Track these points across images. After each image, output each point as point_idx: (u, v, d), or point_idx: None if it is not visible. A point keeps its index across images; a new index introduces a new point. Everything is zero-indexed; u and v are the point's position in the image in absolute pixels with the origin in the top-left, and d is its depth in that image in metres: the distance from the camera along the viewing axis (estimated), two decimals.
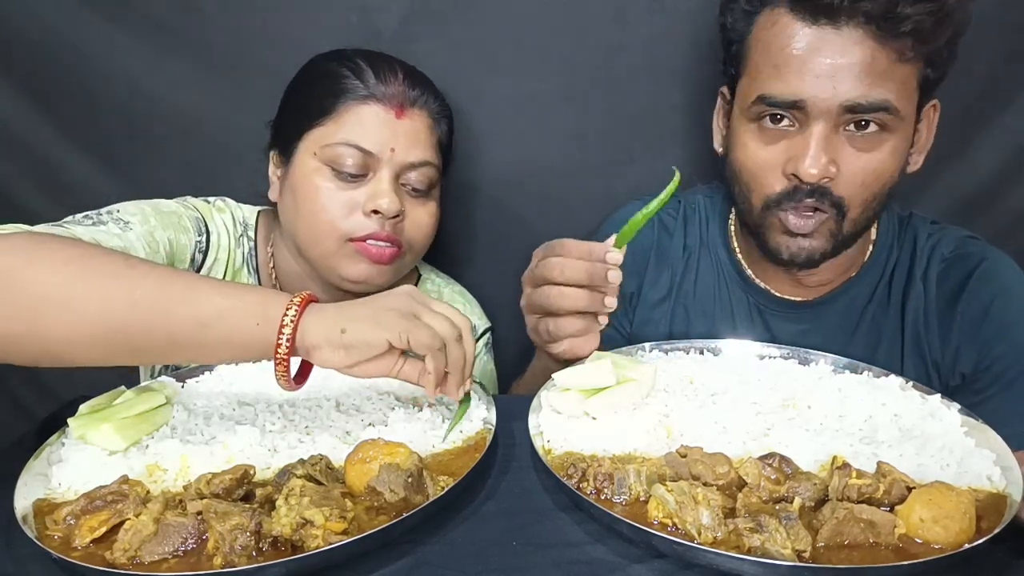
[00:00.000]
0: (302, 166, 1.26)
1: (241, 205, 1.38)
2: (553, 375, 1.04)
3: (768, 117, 1.13)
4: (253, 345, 0.87)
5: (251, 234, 1.37)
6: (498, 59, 1.53)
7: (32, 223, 1.21)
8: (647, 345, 1.18)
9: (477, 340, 1.48)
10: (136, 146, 1.57)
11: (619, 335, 1.37)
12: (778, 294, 1.31)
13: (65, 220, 1.10)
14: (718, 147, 1.30)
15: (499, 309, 1.59)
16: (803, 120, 1.11)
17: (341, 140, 1.23)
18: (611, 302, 1.03)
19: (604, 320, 1.06)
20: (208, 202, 1.35)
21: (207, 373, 1.14)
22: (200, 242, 1.28)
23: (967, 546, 0.75)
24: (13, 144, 1.56)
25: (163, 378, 1.11)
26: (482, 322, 1.52)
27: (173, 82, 1.52)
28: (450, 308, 0.95)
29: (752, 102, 1.14)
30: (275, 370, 0.89)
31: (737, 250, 1.34)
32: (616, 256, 1.01)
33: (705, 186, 1.43)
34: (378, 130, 1.23)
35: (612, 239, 1.02)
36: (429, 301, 0.94)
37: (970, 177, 1.59)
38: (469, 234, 1.66)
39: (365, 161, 1.23)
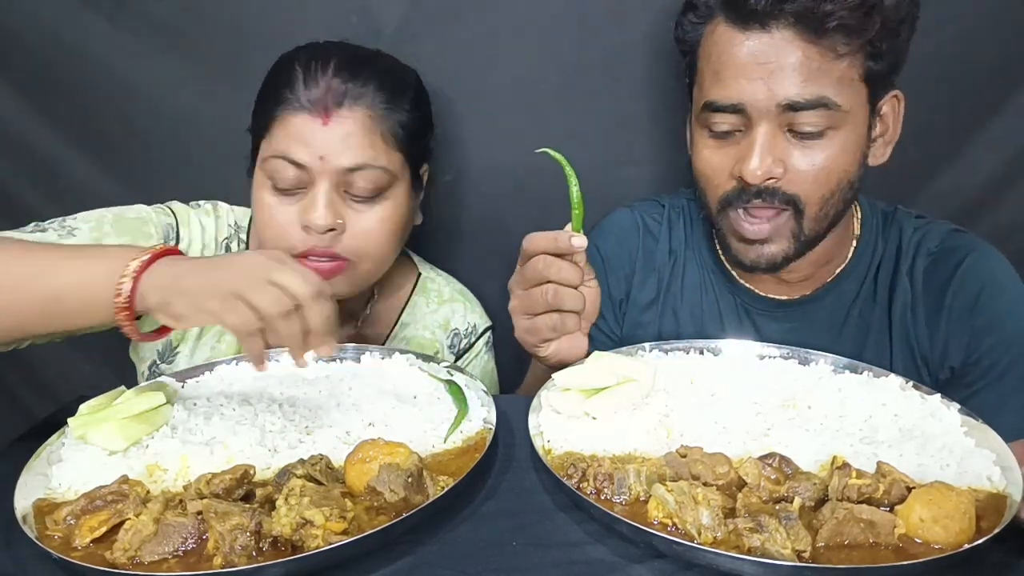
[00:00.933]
0: (256, 179, 1.24)
1: (235, 208, 1.37)
2: (553, 375, 1.04)
3: (717, 123, 1.16)
4: (107, 309, 0.94)
5: (243, 236, 1.36)
6: (498, 59, 1.53)
7: (31, 222, 1.22)
8: (647, 345, 1.18)
9: (478, 339, 1.49)
10: (136, 146, 1.57)
11: (609, 340, 1.38)
12: (763, 293, 1.31)
13: (18, 229, 1.15)
14: (689, 151, 1.31)
15: (500, 309, 1.59)
16: (747, 123, 1.13)
17: (273, 153, 1.18)
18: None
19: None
20: (198, 205, 1.34)
21: (207, 373, 1.14)
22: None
23: (967, 546, 0.75)
24: (13, 144, 1.56)
25: (163, 378, 1.11)
26: (483, 321, 1.52)
27: (173, 82, 1.52)
28: (294, 276, 0.91)
29: (700, 109, 1.18)
30: (123, 328, 0.96)
31: (721, 251, 1.35)
32: (581, 240, 1.05)
33: (688, 189, 1.44)
34: (307, 140, 1.17)
35: (569, 226, 1.07)
36: (272, 270, 0.91)
37: (970, 178, 1.59)
38: (468, 234, 1.66)
39: (299, 174, 1.17)
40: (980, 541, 0.75)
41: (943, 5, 1.38)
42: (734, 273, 1.33)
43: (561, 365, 1.08)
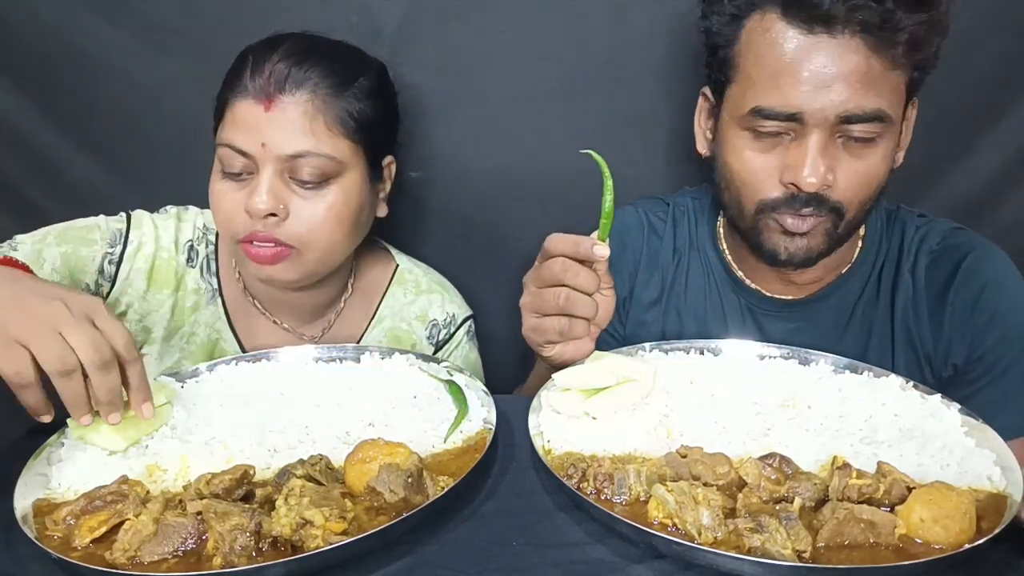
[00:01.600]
0: (213, 166, 1.25)
1: (206, 211, 1.36)
2: (553, 375, 1.04)
3: (766, 127, 1.12)
4: None
5: (212, 238, 1.36)
6: (498, 59, 1.52)
7: (33, 221, 1.23)
8: (647, 345, 1.18)
9: (457, 329, 1.48)
10: (136, 145, 1.57)
11: (612, 338, 1.37)
12: (768, 294, 1.31)
13: None
14: (702, 150, 1.29)
15: (497, 308, 1.59)
16: (799, 129, 1.10)
17: (221, 141, 1.20)
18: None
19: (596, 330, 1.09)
20: (165, 211, 1.35)
21: (207, 373, 1.14)
22: (111, 253, 1.27)
23: (967, 546, 0.75)
24: (14, 143, 1.56)
25: (163, 378, 1.11)
26: (462, 311, 1.50)
27: (173, 82, 1.52)
28: (83, 338, 0.86)
29: (747, 112, 1.13)
30: None
31: (726, 251, 1.35)
32: (604, 250, 1.02)
33: (692, 188, 1.44)
34: (250, 126, 1.17)
35: (595, 234, 1.04)
36: (65, 325, 0.86)
37: (971, 177, 1.59)
38: (467, 233, 1.66)
39: (244, 161, 1.18)
40: (980, 541, 0.75)
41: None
42: (739, 273, 1.33)
43: (564, 366, 1.08)
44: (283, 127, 1.17)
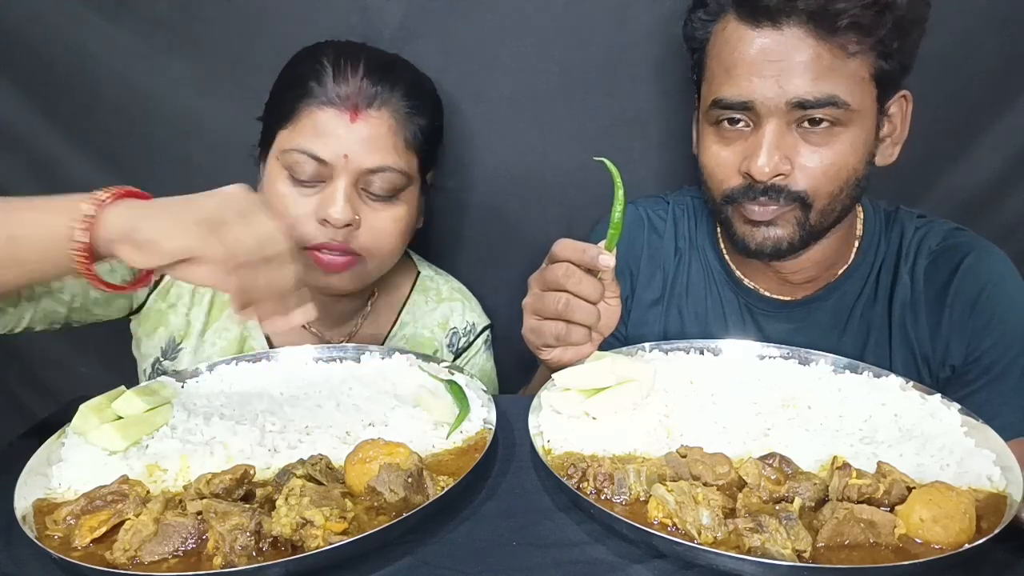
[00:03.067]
0: (269, 169, 1.25)
1: None
2: (553, 375, 1.04)
3: (726, 119, 1.16)
4: (66, 247, 0.86)
5: None
6: (498, 59, 1.53)
7: None
8: (647, 345, 1.18)
9: (476, 338, 1.49)
10: (136, 145, 1.57)
11: (614, 339, 1.37)
12: (767, 294, 1.31)
13: None
14: (694, 149, 1.31)
15: (499, 309, 1.59)
16: (756, 120, 1.14)
17: (296, 147, 1.20)
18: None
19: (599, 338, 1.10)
20: None
21: (207, 373, 1.14)
22: None
23: (967, 546, 0.75)
24: (14, 143, 1.56)
25: (163, 378, 1.11)
26: (482, 319, 1.52)
27: (173, 82, 1.52)
28: (269, 225, 0.88)
29: (709, 106, 1.18)
30: (77, 265, 0.87)
31: (724, 251, 1.35)
32: (609, 260, 1.03)
33: (693, 187, 1.44)
34: (332, 136, 1.19)
35: (603, 243, 1.04)
36: (250, 210, 0.88)
37: (971, 177, 1.59)
38: (468, 234, 1.66)
39: (319, 168, 1.20)
40: (980, 541, 0.75)
41: (945, 4, 1.38)
42: (738, 273, 1.33)
43: (563, 368, 1.08)
44: (367, 141, 1.20)
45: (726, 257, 1.35)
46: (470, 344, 1.50)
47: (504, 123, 1.57)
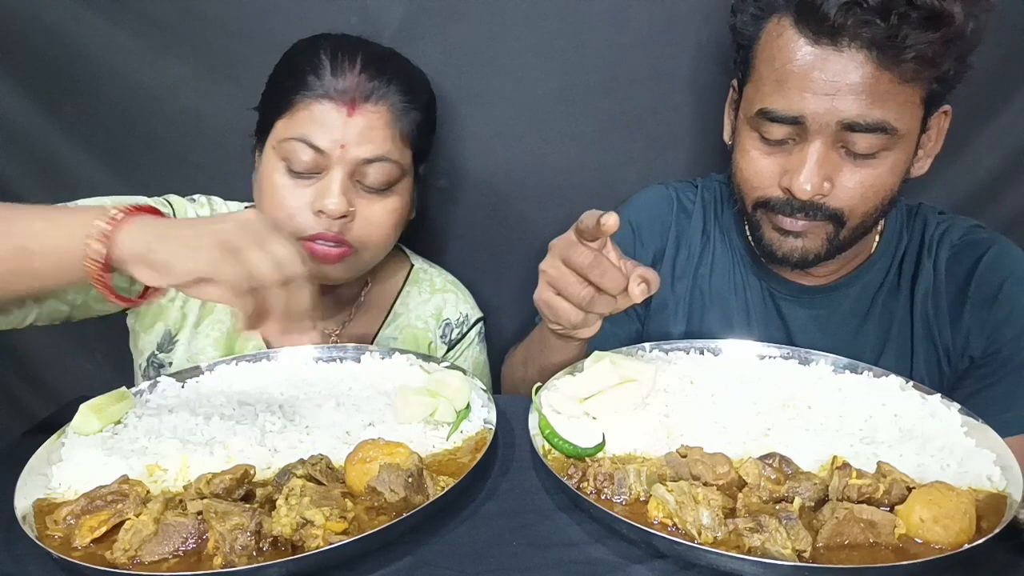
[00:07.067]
0: (265, 160, 1.26)
1: (229, 203, 1.38)
2: (553, 380, 1.04)
3: (770, 130, 1.14)
4: (79, 260, 0.87)
5: None
6: (498, 59, 1.53)
7: None
8: (647, 345, 1.18)
9: (469, 330, 1.49)
10: (136, 145, 1.58)
11: (636, 316, 1.37)
12: (790, 279, 1.31)
13: None
14: (727, 139, 1.30)
15: (499, 307, 1.59)
16: (802, 135, 1.12)
17: (293, 136, 1.21)
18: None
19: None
20: (193, 200, 1.35)
21: (207, 373, 1.14)
22: None
23: (967, 546, 0.75)
24: (15, 143, 1.56)
25: (162, 379, 1.11)
26: (475, 312, 1.52)
27: (173, 82, 1.52)
28: (285, 249, 0.89)
29: (755, 113, 1.15)
30: (93, 281, 0.88)
31: (750, 237, 1.35)
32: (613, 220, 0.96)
33: (720, 174, 1.44)
34: (329, 127, 1.20)
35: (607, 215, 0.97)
36: (265, 235, 0.89)
37: (970, 176, 1.59)
38: (469, 233, 1.66)
39: (316, 158, 1.20)
40: (980, 541, 0.75)
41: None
42: (762, 259, 1.33)
43: (567, 336, 1.08)
44: (364, 133, 1.21)
45: (751, 243, 1.35)
46: (463, 336, 1.50)
47: (503, 123, 1.57)
